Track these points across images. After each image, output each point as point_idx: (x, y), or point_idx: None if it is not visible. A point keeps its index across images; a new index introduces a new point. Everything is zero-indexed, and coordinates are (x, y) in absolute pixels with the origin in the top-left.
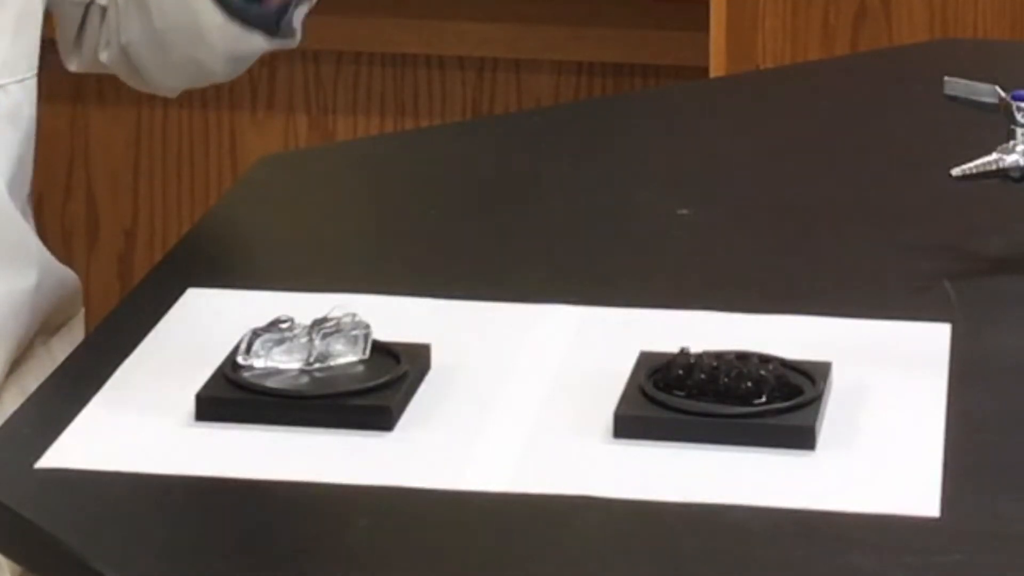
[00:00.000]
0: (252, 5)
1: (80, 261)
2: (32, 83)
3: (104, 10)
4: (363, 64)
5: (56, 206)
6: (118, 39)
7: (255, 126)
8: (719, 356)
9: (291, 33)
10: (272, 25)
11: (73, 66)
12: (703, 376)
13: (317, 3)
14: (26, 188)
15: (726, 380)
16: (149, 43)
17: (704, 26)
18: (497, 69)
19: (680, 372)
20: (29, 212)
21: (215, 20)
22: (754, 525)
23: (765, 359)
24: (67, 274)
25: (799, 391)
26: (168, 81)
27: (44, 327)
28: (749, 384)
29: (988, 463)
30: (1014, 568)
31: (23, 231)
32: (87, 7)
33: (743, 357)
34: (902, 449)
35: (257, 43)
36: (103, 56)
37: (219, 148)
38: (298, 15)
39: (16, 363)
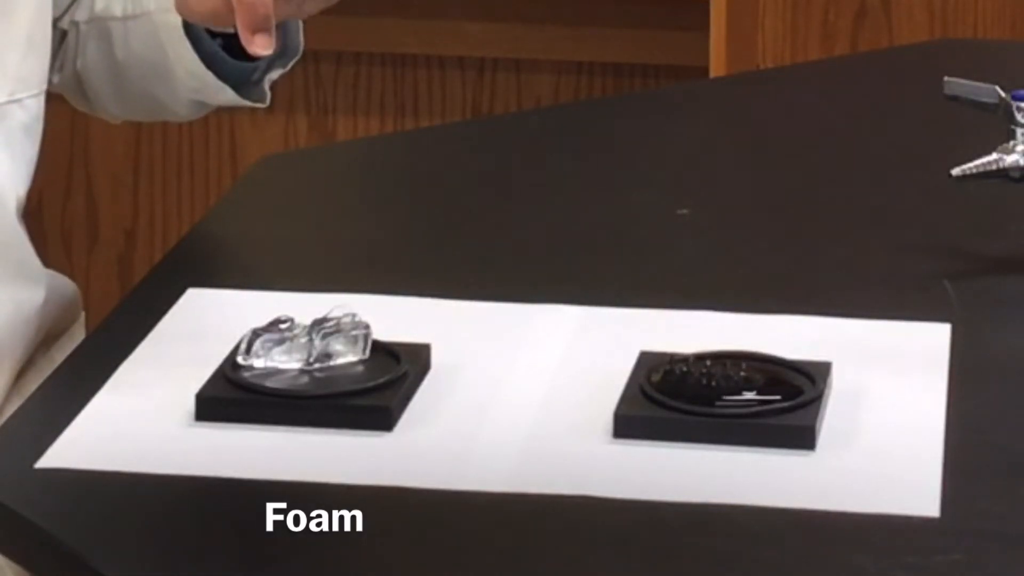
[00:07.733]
0: (232, 57)
1: (80, 261)
2: (44, 96)
3: (64, 33)
4: (363, 64)
5: (56, 206)
6: (73, 64)
7: (255, 126)
8: (717, 356)
9: (262, 95)
10: (246, 81)
11: None
12: (702, 376)
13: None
14: (24, 200)
15: (724, 381)
16: (106, 72)
17: (704, 26)
18: (497, 69)
19: (680, 373)
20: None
21: (188, 64)
22: (754, 525)
23: (763, 359)
24: (68, 285)
25: (799, 391)
26: (119, 112)
27: (46, 337)
28: (747, 384)
29: (988, 463)
30: (1014, 568)
31: (29, 247)
32: None
33: (741, 357)
34: (902, 449)
35: (225, 96)
36: (54, 78)
37: (219, 148)
38: (269, 78)
39: (18, 373)
